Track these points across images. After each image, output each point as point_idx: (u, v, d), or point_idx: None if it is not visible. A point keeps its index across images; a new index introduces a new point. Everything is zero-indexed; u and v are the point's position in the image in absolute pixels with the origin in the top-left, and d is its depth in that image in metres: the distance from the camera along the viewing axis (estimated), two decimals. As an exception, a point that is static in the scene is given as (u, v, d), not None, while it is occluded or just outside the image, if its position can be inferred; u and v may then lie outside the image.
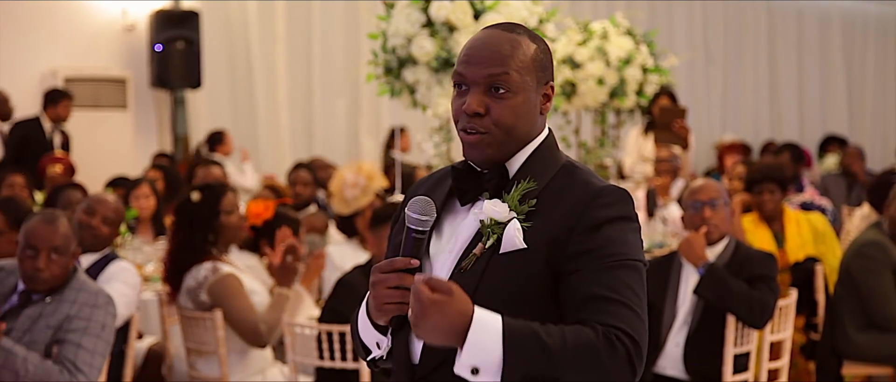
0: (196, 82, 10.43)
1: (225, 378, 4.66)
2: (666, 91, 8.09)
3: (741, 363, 4.63)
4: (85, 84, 10.12)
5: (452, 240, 2.09)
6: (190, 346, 4.81)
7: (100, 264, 4.76)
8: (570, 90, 6.84)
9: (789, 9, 14.89)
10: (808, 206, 7.28)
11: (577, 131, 7.38)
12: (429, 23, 5.11)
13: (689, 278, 4.69)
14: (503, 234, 2.00)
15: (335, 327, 4.29)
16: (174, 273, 4.76)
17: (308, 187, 7.90)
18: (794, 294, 5.03)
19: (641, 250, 2.05)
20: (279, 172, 10.29)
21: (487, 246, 2.01)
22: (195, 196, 4.80)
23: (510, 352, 1.85)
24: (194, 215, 4.75)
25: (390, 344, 2.11)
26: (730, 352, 4.55)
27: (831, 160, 12.17)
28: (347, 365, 4.34)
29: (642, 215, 7.15)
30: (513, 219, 2.01)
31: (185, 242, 4.73)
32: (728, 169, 9.47)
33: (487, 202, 2.04)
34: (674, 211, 6.84)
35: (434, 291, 1.85)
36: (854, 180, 10.01)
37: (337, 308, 4.45)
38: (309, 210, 7.54)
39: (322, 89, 11.68)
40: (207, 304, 4.65)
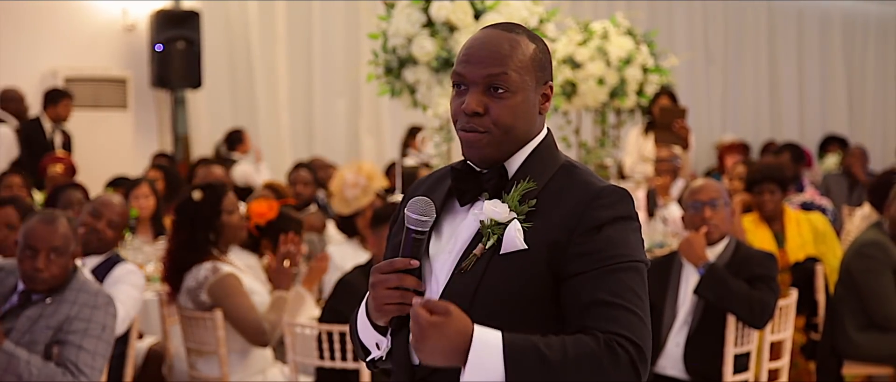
0: (196, 82, 10.42)
1: (225, 378, 4.66)
2: (666, 91, 8.08)
3: (741, 363, 4.63)
4: (85, 84, 10.11)
5: (452, 241, 2.08)
6: (190, 346, 4.80)
7: (105, 266, 4.75)
8: (571, 90, 6.84)
9: (789, 9, 14.87)
10: (809, 206, 7.28)
11: (578, 131, 7.38)
12: (429, 23, 5.10)
13: (690, 278, 4.69)
14: (503, 235, 2.00)
15: (335, 327, 4.29)
16: (174, 273, 4.75)
17: (308, 187, 7.90)
18: (795, 294, 5.03)
19: (642, 249, 2.04)
20: (279, 172, 10.29)
21: (487, 247, 2.01)
22: (197, 195, 4.79)
23: (512, 369, 1.85)
24: (196, 214, 4.74)
25: (390, 345, 2.11)
26: (730, 352, 4.55)
27: (831, 160, 12.17)
28: (348, 365, 4.34)
29: (642, 215, 7.14)
30: (513, 220, 2.01)
31: (187, 241, 4.72)
32: (728, 169, 9.46)
33: (487, 203, 2.03)
34: (674, 211, 6.83)
35: (432, 313, 1.86)
36: (855, 181, 10.01)
37: (337, 308, 4.45)
38: (309, 210, 7.55)
39: (322, 89, 11.66)
40: (208, 304, 4.64)
